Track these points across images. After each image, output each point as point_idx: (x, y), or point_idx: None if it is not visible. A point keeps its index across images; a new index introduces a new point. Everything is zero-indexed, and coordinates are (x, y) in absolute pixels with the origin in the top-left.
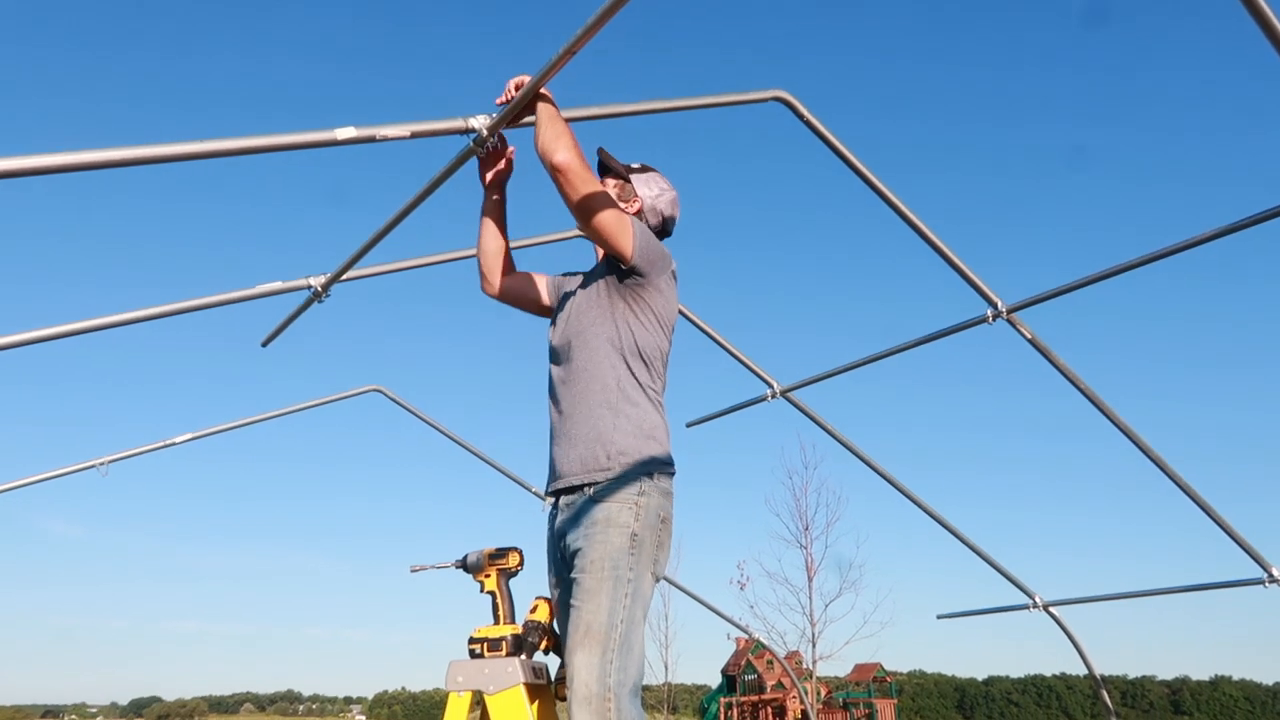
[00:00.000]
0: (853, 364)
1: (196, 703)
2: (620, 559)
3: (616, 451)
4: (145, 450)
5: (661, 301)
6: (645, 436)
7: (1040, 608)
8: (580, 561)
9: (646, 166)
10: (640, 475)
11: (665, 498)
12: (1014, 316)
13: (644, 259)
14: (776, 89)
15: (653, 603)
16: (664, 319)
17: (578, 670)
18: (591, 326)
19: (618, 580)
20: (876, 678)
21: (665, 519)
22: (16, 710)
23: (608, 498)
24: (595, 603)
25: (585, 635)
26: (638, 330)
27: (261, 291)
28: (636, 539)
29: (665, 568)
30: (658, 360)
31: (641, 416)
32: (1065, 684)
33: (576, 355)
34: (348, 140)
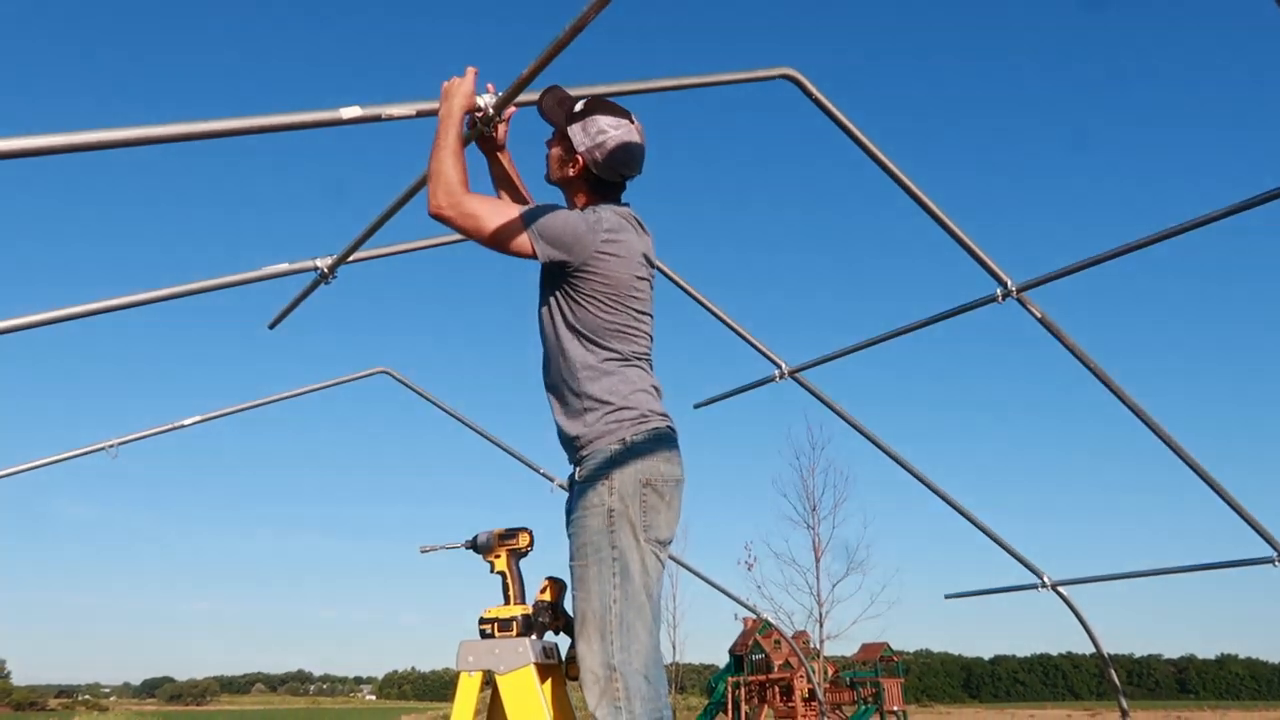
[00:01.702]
0: (861, 344)
1: (208, 683)
2: (600, 540)
3: (586, 427)
4: (155, 432)
5: (597, 276)
6: (610, 405)
7: (1049, 587)
8: (570, 550)
9: (594, 103)
10: (611, 445)
11: (648, 458)
12: (1024, 296)
13: (556, 250)
14: (785, 67)
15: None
16: (609, 290)
17: (582, 658)
18: (541, 317)
19: (601, 562)
20: (883, 657)
21: (649, 481)
22: (31, 690)
23: (586, 478)
24: (586, 589)
25: (583, 623)
26: (582, 313)
27: (268, 273)
28: (614, 514)
29: (668, 529)
30: (614, 332)
31: (606, 386)
32: (1071, 663)
33: (543, 338)
34: (353, 119)
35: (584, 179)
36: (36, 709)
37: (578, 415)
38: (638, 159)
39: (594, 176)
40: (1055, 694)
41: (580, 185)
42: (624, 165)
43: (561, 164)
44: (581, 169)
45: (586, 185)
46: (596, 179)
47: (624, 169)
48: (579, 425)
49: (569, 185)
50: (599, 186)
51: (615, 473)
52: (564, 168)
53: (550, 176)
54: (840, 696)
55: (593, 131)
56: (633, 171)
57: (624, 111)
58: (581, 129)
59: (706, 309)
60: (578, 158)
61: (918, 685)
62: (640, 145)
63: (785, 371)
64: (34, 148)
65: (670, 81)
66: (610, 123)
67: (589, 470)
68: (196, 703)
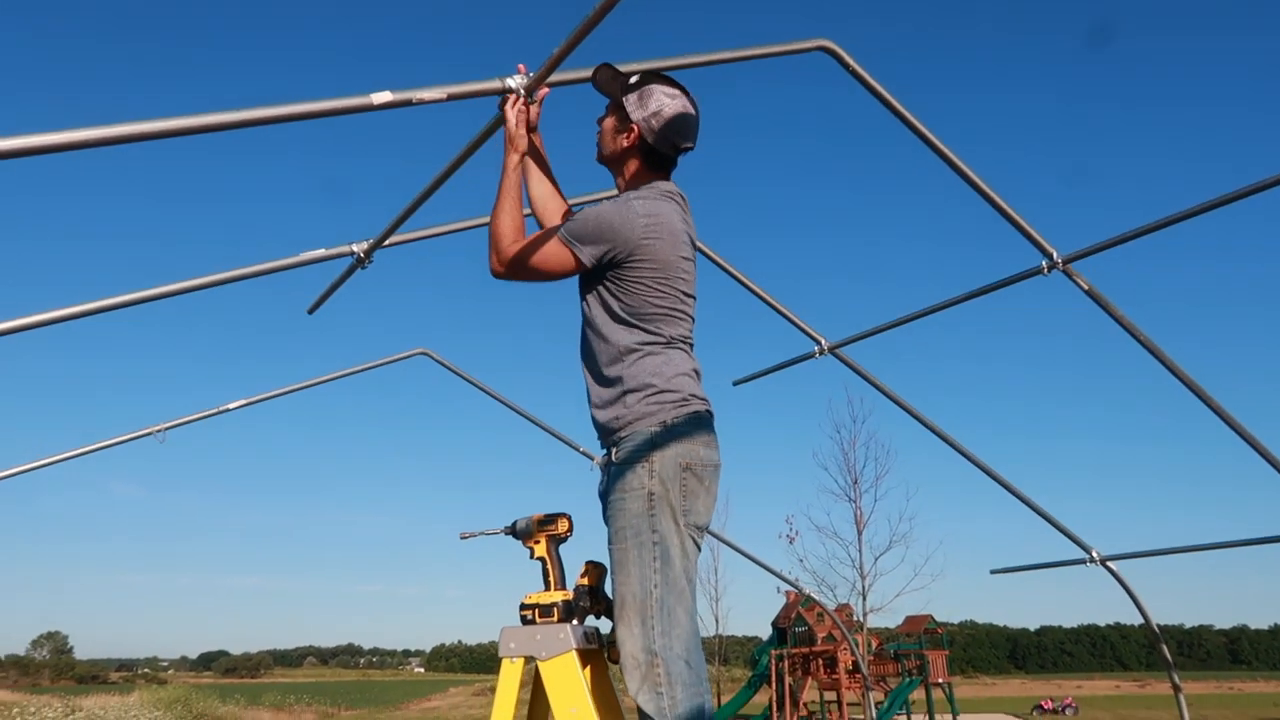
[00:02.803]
0: (902, 319)
1: (262, 656)
2: (640, 524)
3: (626, 409)
4: (200, 417)
5: (644, 262)
6: (652, 388)
7: (1098, 562)
8: (609, 533)
9: (649, 75)
10: (652, 428)
11: (688, 442)
12: (1070, 267)
13: (599, 247)
14: (821, 38)
15: (702, 556)
16: (656, 273)
17: (623, 642)
18: (587, 301)
19: (641, 546)
20: (928, 629)
21: (690, 465)
22: (93, 664)
23: (624, 460)
24: (625, 573)
25: (623, 608)
26: (628, 298)
27: (306, 259)
28: (654, 498)
29: (706, 514)
30: (660, 314)
31: (648, 368)
32: (1119, 633)
33: (584, 325)
34: (384, 105)
35: (637, 150)
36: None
37: (618, 398)
38: (692, 130)
39: (648, 148)
40: (1103, 665)
41: (633, 156)
42: (678, 135)
43: (615, 135)
44: (636, 139)
45: (640, 157)
46: (650, 150)
47: (678, 138)
48: (619, 407)
49: (621, 157)
50: (651, 159)
51: (655, 455)
52: (617, 139)
53: (603, 150)
54: (884, 669)
55: (648, 101)
56: (687, 143)
57: (679, 84)
58: (637, 99)
59: (745, 286)
60: (632, 127)
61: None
62: (695, 117)
63: (825, 347)
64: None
65: (704, 57)
66: (667, 93)
67: (628, 452)
68: (251, 675)
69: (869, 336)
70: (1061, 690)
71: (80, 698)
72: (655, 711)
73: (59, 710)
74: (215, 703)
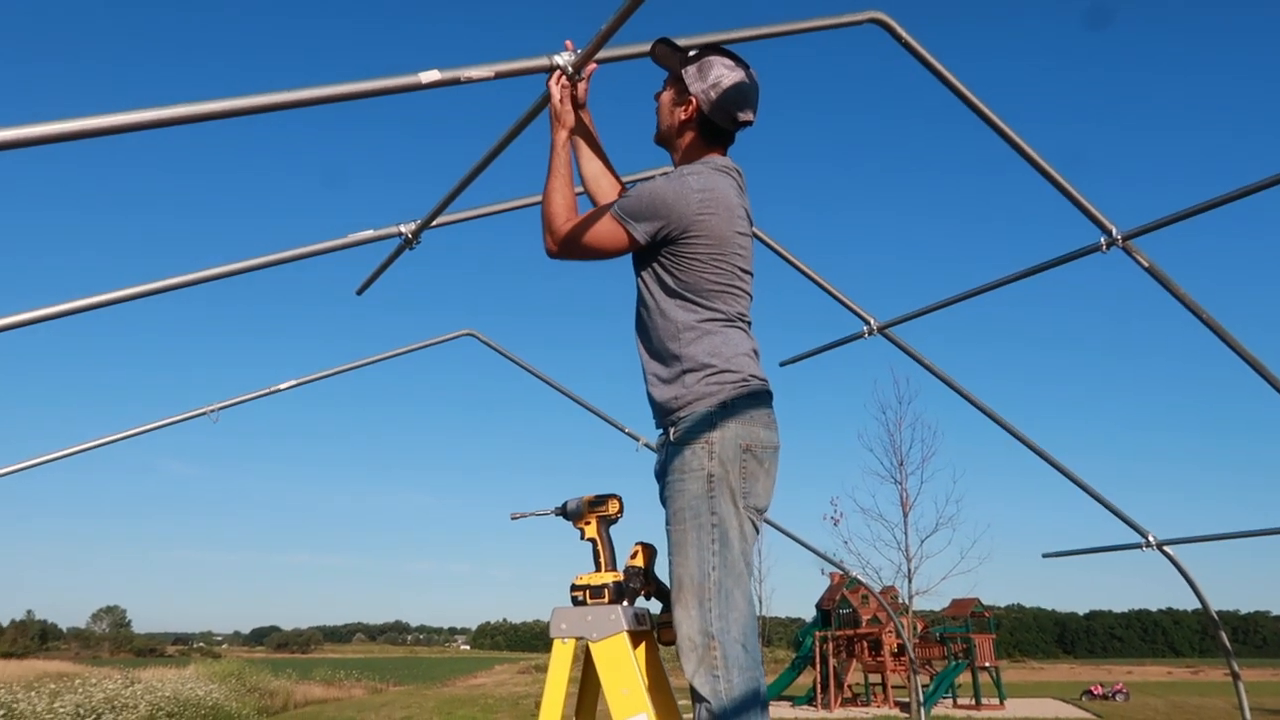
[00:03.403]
0: (955, 297)
1: (312, 632)
2: (700, 505)
3: (685, 389)
4: (252, 397)
5: (698, 238)
6: (712, 368)
7: (1154, 547)
8: (666, 513)
9: (708, 49)
10: (712, 408)
11: (748, 423)
12: (1130, 244)
13: (653, 223)
14: (873, 10)
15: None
16: (711, 249)
17: (679, 624)
18: (644, 278)
19: (700, 528)
20: (974, 612)
21: (750, 446)
22: (150, 638)
23: (682, 439)
24: (683, 555)
25: (680, 590)
26: (684, 274)
27: (354, 240)
28: (714, 479)
29: (765, 497)
30: (717, 291)
31: (707, 348)
32: (1172, 619)
33: (641, 303)
34: (432, 84)
35: (694, 123)
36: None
37: (676, 377)
38: (751, 101)
39: (705, 120)
40: (1155, 651)
41: (690, 130)
42: (736, 106)
43: (673, 108)
44: (694, 111)
45: (697, 130)
46: (708, 123)
47: (736, 109)
48: (678, 387)
49: (679, 131)
50: (709, 132)
51: (715, 436)
52: (675, 112)
53: (661, 124)
54: (930, 652)
55: (707, 73)
56: (745, 114)
57: (739, 57)
58: (696, 70)
59: (792, 265)
60: (691, 100)
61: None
62: (754, 89)
63: (874, 327)
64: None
65: (753, 31)
66: (726, 64)
67: (687, 433)
68: (301, 651)
69: (920, 316)
70: (1111, 676)
71: (138, 670)
72: (711, 694)
73: (119, 682)
74: (268, 677)
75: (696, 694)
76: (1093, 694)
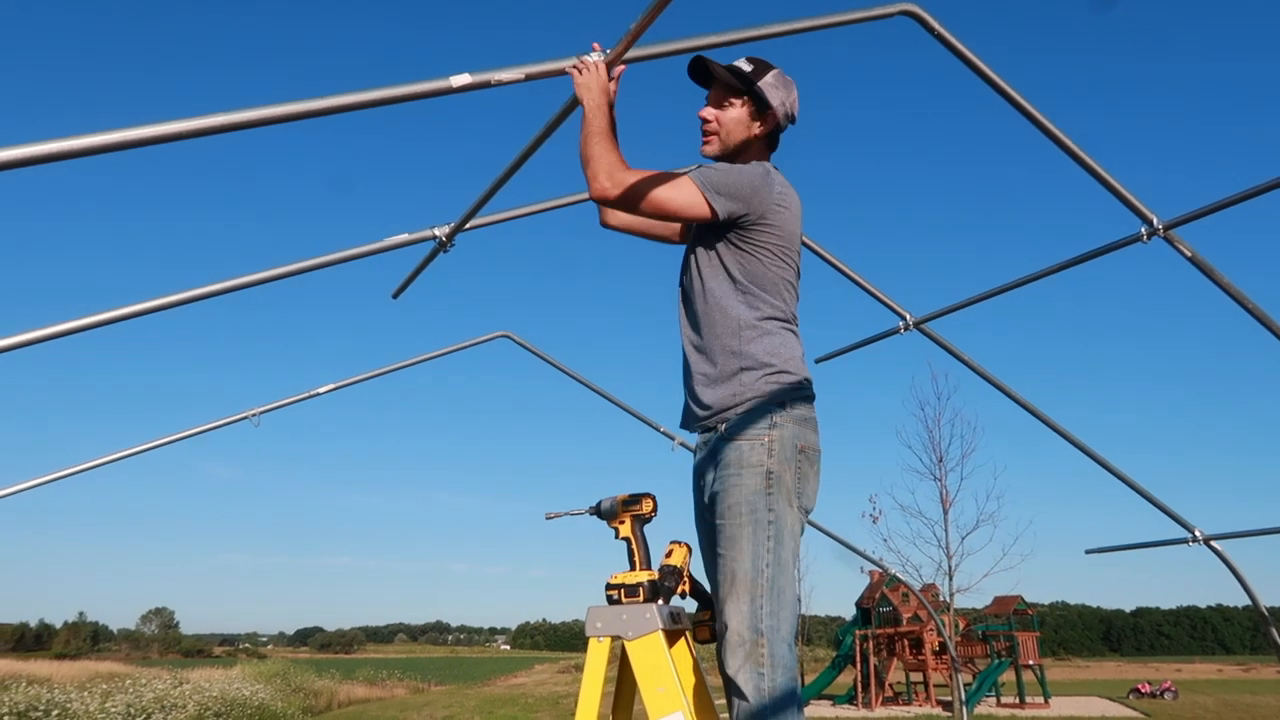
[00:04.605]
0: (992, 291)
1: (355, 633)
2: (758, 501)
3: (743, 387)
4: (292, 401)
5: (772, 229)
6: (773, 368)
7: (1200, 541)
8: (719, 507)
9: (759, 62)
10: (771, 408)
11: (802, 425)
12: (1172, 234)
13: (735, 203)
14: (904, 2)
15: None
16: (780, 243)
17: (729, 618)
18: (709, 269)
19: (757, 524)
20: (1017, 610)
21: (804, 448)
22: (198, 639)
23: (739, 435)
24: (737, 549)
25: (732, 584)
26: (751, 264)
27: (389, 244)
28: (773, 477)
29: (813, 498)
30: (780, 286)
31: (766, 349)
32: (1222, 615)
33: (698, 297)
34: (463, 87)
35: (765, 137)
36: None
37: (733, 374)
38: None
39: (775, 133)
40: (1204, 648)
41: (760, 144)
42: (795, 118)
43: (749, 123)
44: (773, 125)
45: (765, 144)
46: (774, 136)
47: (793, 121)
48: (734, 385)
49: (748, 147)
50: (773, 144)
51: (775, 435)
52: (752, 126)
53: (731, 139)
54: (972, 650)
55: (783, 88)
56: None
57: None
58: (773, 86)
59: (826, 260)
60: (771, 114)
61: (1054, 638)
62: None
63: (910, 323)
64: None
65: (784, 26)
66: (787, 77)
67: (746, 430)
68: (345, 651)
69: (957, 310)
70: (1159, 674)
71: (186, 670)
72: (754, 691)
73: (167, 682)
74: (312, 677)
75: (737, 688)
76: (1140, 692)
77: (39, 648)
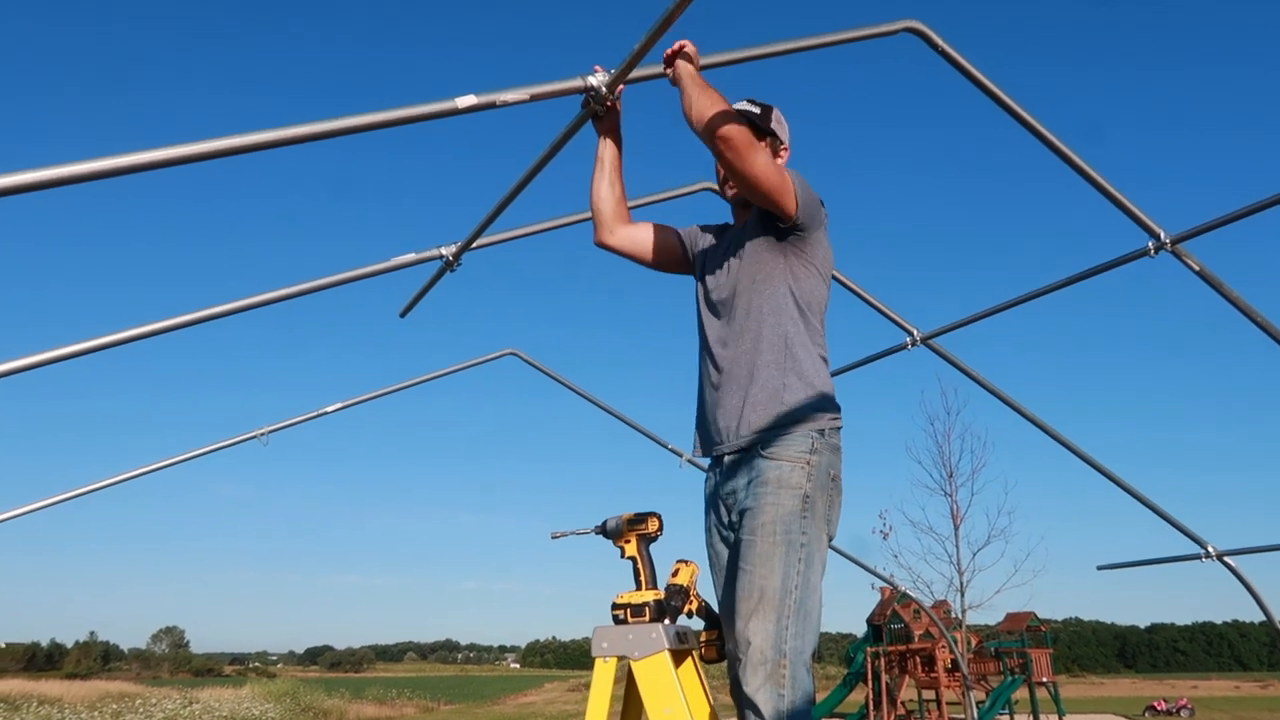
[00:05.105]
0: (999, 306)
1: (364, 651)
2: (793, 522)
3: (789, 409)
4: (301, 420)
5: (822, 252)
6: (816, 392)
7: (1214, 557)
8: (750, 523)
9: (759, 103)
10: (812, 433)
11: (835, 454)
12: (1179, 248)
13: (805, 214)
14: (908, 19)
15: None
16: (825, 269)
17: (752, 635)
18: (758, 283)
19: (790, 544)
20: (1030, 626)
21: (835, 476)
22: (208, 658)
23: (780, 457)
24: (768, 567)
25: (760, 601)
26: (804, 283)
27: (397, 264)
28: (809, 500)
29: (837, 526)
30: (821, 312)
31: (812, 372)
32: (1238, 631)
33: (741, 311)
34: (469, 108)
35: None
36: (213, 675)
37: (775, 394)
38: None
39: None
40: (1220, 664)
41: None
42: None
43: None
44: (787, 160)
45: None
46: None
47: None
48: (775, 405)
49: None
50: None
51: (813, 460)
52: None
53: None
54: (985, 667)
55: (784, 120)
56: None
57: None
58: (780, 126)
59: (833, 277)
60: (785, 149)
61: (1068, 655)
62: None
63: (918, 338)
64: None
65: (789, 45)
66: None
67: (786, 451)
68: (354, 670)
69: (964, 326)
70: (1175, 690)
71: (196, 690)
72: (772, 713)
73: (177, 702)
74: (321, 696)
75: (755, 708)
76: (1156, 710)
77: (50, 667)
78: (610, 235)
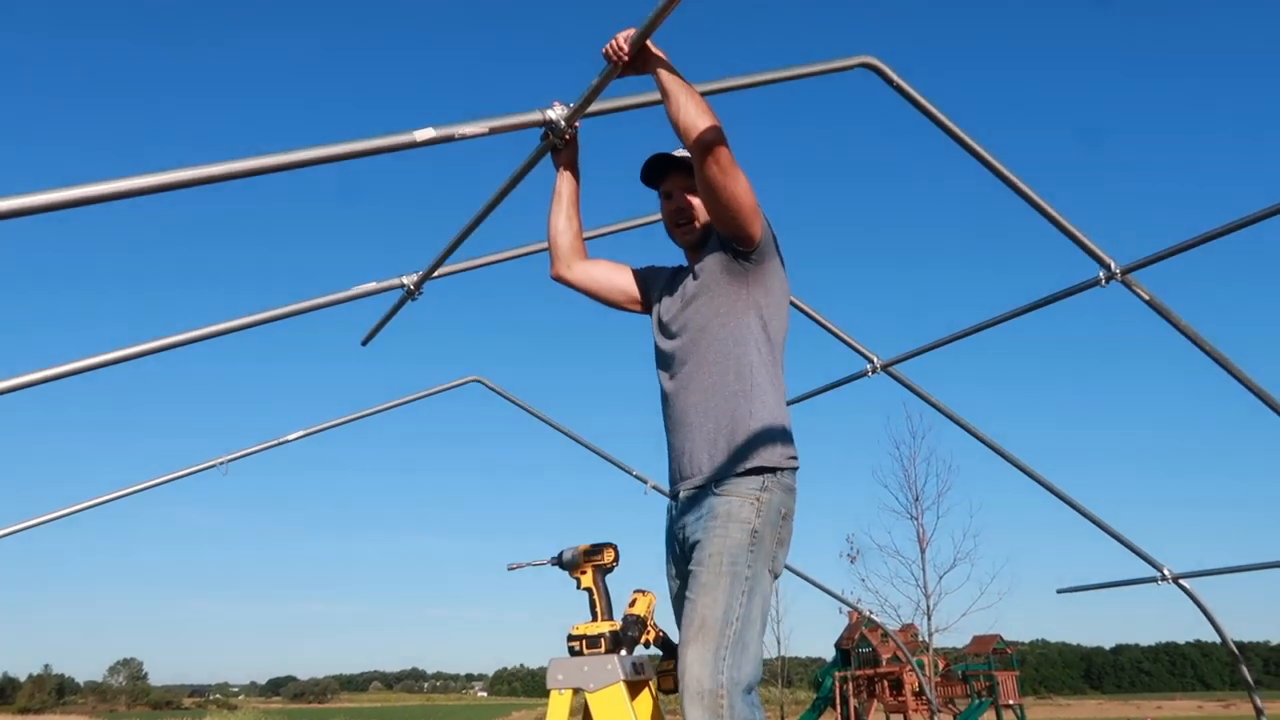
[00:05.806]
0: (956, 334)
1: (329, 681)
2: (739, 555)
3: (743, 446)
4: (262, 448)
5: (780, 281)
6: (774, 429)
7: (1170, 580)
8: (698, 554)
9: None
10: (766, 470)
11: (788, 494)
12: (1129, 278)
13: (765, 240)
14: (864, 55)
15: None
16: (784, 298)
17: (689, 665)
18: (719, 315)
19: (735, 577)
20: (996, 649)
21: (787, 515)
22: (167, 691)
23: (731, 492)
24: (711, 597)
25: (700, 629)
26: (767, 311)
27: (358, 293)
28: (757, 536)
29: (782, 565)
30: (782, 343)
31: (772, 407)
32: (1201, 651)
33: (703, 344)
34: (427, 141)
35: None
36: (172, 708)
37: (730, 432)
38: None
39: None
40: (1184, 684)
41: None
42: None
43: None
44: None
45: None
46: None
47: None
48: (731, 442)
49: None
50: None
51: (764, 497)
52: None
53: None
54: (952, 690)
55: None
56: None
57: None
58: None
59: (792, 305)
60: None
61: (1034, 677)
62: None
63: (878, 365)
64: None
65: (745, 79)
66: None
67: (736, 487)
68: (318, 700)
69: (922, 353)
70: (1140, 711)
71: None
72: None
73: None
74: None
75: None
76: None
77: (3, 702)
78: (567, 270)
